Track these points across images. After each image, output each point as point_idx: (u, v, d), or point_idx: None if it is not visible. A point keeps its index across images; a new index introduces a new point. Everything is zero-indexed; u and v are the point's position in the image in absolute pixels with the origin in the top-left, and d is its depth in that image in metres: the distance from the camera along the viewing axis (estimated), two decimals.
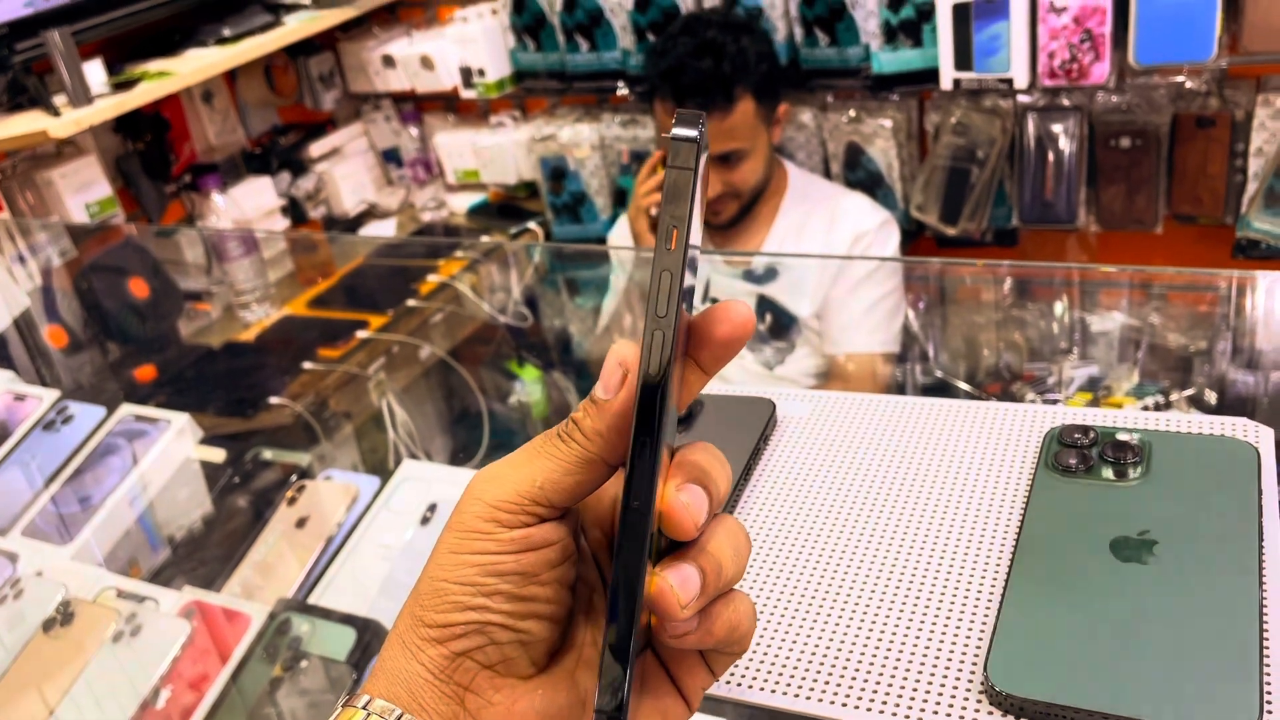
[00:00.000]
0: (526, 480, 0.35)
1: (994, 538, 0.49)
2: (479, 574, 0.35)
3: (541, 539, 0.35)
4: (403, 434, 1.42)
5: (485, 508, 0.35)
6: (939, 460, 0.54)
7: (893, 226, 1.68)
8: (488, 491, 0.35)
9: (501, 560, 0.35)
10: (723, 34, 1.56)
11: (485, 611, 0.35)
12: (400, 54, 2.24)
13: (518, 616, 0.35)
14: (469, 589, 0.35)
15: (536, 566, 0.35)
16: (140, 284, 1.61)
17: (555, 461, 0.35)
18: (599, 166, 2.11)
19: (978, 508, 0.51)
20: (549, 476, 0.35)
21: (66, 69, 1.65)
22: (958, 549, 0.49)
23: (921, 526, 0.50)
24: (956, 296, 1.57)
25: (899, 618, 0.46)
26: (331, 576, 0.93)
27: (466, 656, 0.35)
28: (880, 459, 0.55)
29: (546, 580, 0.35)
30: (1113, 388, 1.38)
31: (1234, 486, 0.47)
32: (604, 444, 0.35)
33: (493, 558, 0.35)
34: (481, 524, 0.35)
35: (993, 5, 1.59)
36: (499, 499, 0.35)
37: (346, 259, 1.89)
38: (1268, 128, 1.58)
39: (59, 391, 1.19)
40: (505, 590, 0.35)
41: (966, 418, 0.57)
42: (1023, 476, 0.52)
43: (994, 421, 0.56)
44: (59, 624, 0.90)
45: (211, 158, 2.21)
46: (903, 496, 0.52)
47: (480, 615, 0.35)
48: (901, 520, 0.51)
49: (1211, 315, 1.33)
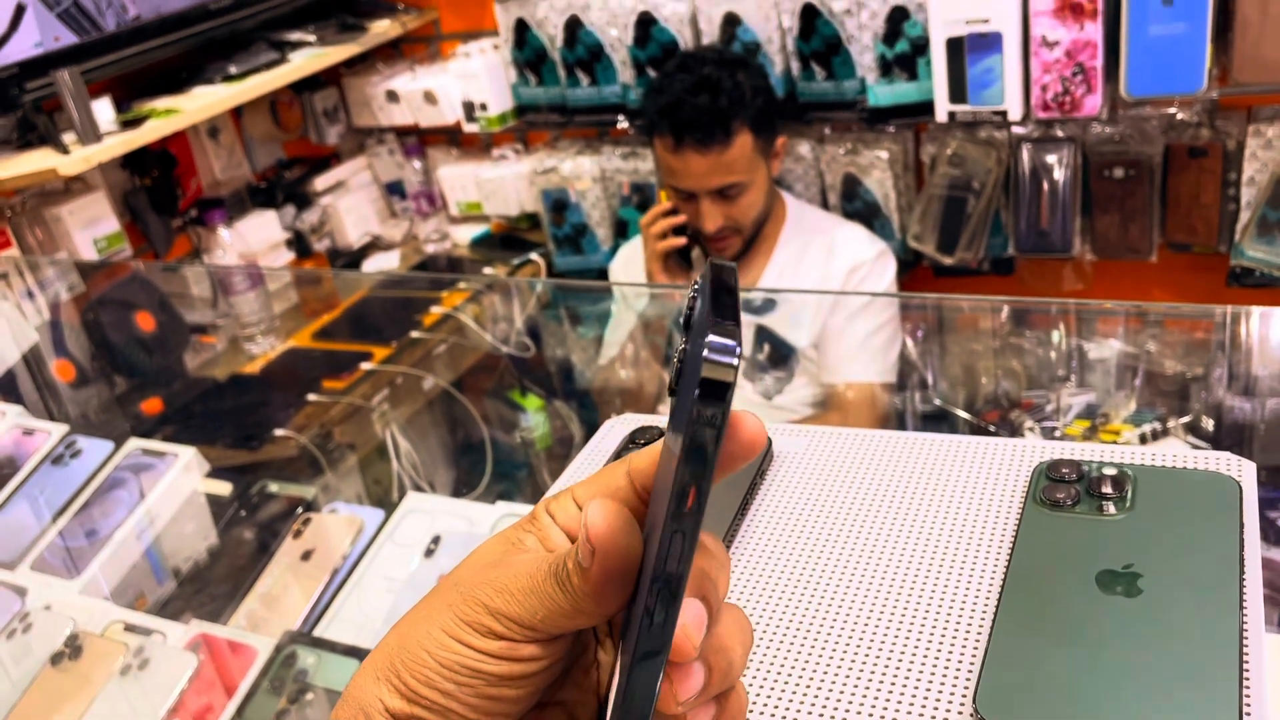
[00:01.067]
0: (529, 611, 0.35)
1: (983, 571, 0.50)
2: (459, 663, 0.35)
3: (529, 654, 0.35)
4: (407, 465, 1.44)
5: (485, 613, 0.35)
6: (930, 494, 0.55)
7: (889, 257, 1.70)
8: (494, 597, 0.35)
9: (484, 662, 0.35)
10: (718, 70, 1.58)
11: (451, 699, 0.35)
12: (404, 89, 2.27)
13: (482, 712, 0.35)
14: (445, 672, 0.35)
15: (515, 676, 0.35)
16: (147, 318, 1.63)
17: (551, 604, 0.35)
18: (600, 198, 2.14)
19: (967, 541, 0.52)
20: (546, 618, 0.35)
21: (75, 107, 1.68)
22: (948, 582, 0.50)
23: (912, 560, 0.52)
24: (954, 325, 1.58)
25: (889, 650, 0.47)
26: (337, 609, 0.94)
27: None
28: (873, 493, 0.56)
29: (522, 686, 0.36)
30: (1110, 415, 1.39)
31: (1216, 521, 0.48)
32: (599, 599, 0.34)
33: (477, 657, 0.35)
34: (478, 622, 0.35)
35: (986, 39, 1.61)
36: (500, 610, 0.35)
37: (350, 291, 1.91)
38: (1259, 157, 1.60)
39: (67, 426, 1.20)
40: (476, 686, 0.35)
41: (958, 452, 0.58)
42: (1011, 511, 0.53)
43: (984, 456, 0.57)
44: (67, 658, 0.91)
45: (217, 192, 2.24)
46: (894, 530, 0.54)
47: (445, 701, 0.35)
48: (893, 554, 0.52)
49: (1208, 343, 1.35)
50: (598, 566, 0.33)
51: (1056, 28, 1.57)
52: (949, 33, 1.63)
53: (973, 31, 1.61)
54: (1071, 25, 1.56)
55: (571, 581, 0.34)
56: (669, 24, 1.90)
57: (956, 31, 1.62)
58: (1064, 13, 1.56)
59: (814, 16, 1.77)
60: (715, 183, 1.58)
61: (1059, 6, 1.56)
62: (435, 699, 0.35)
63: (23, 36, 1.68)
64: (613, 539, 0.33)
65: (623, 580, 0.33)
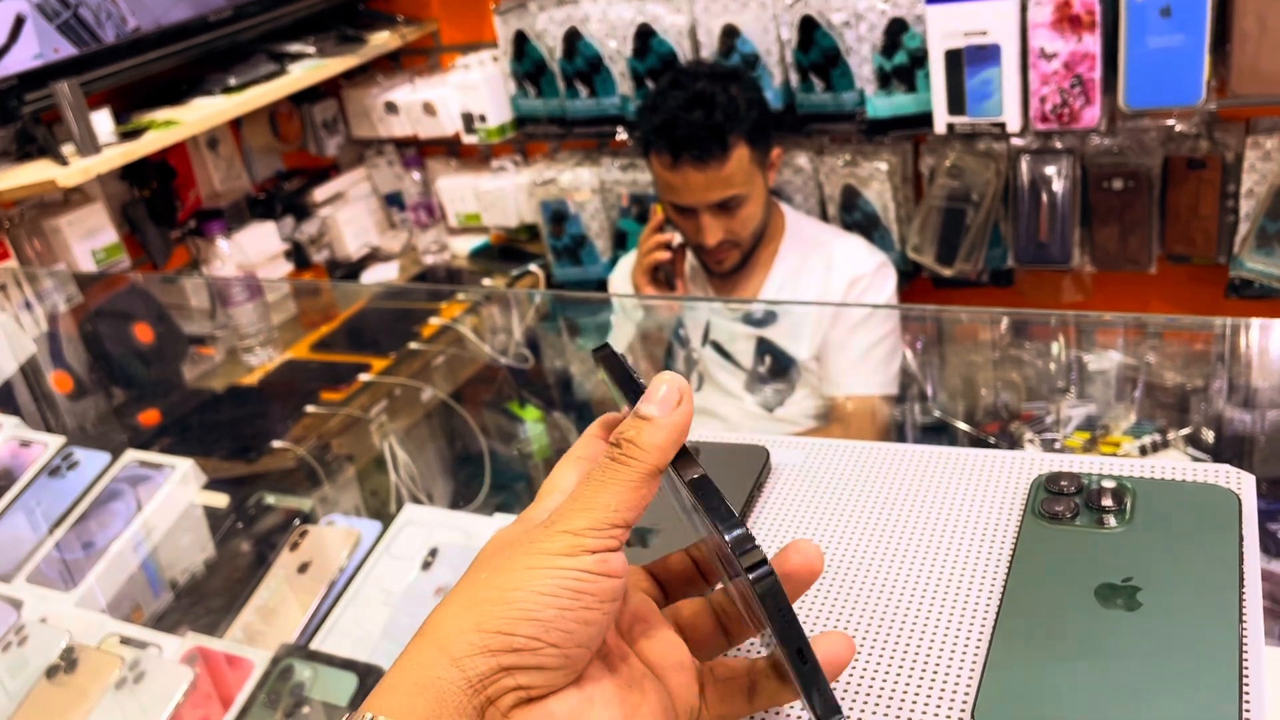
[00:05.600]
0: (603, 507, 0.38)
1: (982, 584, 0.50)
2: (558, 586, 0.36)
3: (619, 566, 0.38)
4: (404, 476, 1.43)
5: (569, 537, 0.37)
6: (929, 507, 0.55)
7: (889, 269, 1.70)
8: (570, 522, 0.38)
9: (583, 580, 0.37)
10: (712, 84, 1.58)
11: (550, 628, 0.36)
12: (403, 100, 2.28)
13: (572, 643, 0.37)
14: (544, 599, 0.36)
15: (605, 594, 0.37)
16: (145, 329, 1.63)
17: (622, 484, 0.38)
18: (599, 210, 2.14)
19: (966, 554, 0.52)
20: (621, 499, 0.38)
21: (74, 119, 1.68)
22: (946, 595, 0.50)
23: (911, 573, 0.51)
24: (954, 336, 1.58)
25: (888, 662, 0.47)
26: (333, 622, 0.94)
27: (509, 673, 0.36)
28: (872, 506, 0.56)
29: (607, 610, 0.38)
30: (1110, 427, 1.39)
31: (1216, 533, 0.48)
32: (661, 455, 0.38)
33: (575, 575, 0.37)
34: (567, 547, 0.37)
35: (984, 51, 1.61)
36: (583, 527, 0.37)
37: (349, 303, 1.91)
38: (1258, 169, 1.60)
39: (64, 437, 1.20)
40: (573, 611, 0.37)
41: (956, 465, 0.58)
42: (1010, 523, 0.53)
43: (982, 469, 0.57)
44: (63, 671, 0.91)
45: (216, 203, 2.24)
46: (893, 543, 0.53)
47: (543, 631, 0.36)
48: (891, 566, 0.52)
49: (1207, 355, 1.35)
50: (682, 409, 0.39)
51: (1055, 39, 1.57)
52: (947, 45, 1.63)
53: (971, 43, 1.62)
54: (1070, 37, 1.56)
55: (639, 441, 0.38)
56: (668, 36, 1.90)
57: (955, 43, 1.63)
58: (1062, 25, 1.56)
59: (813, 28, 1.77)
60: (714, 197, 1.58)
61: (1057, 18, 1.56)
62: (533, 633, 0.36)
63: (22, 48, 1.68)
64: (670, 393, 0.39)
65: (678, 432, 0.39)
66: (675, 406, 0.39)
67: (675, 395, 0.39)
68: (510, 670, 0.36)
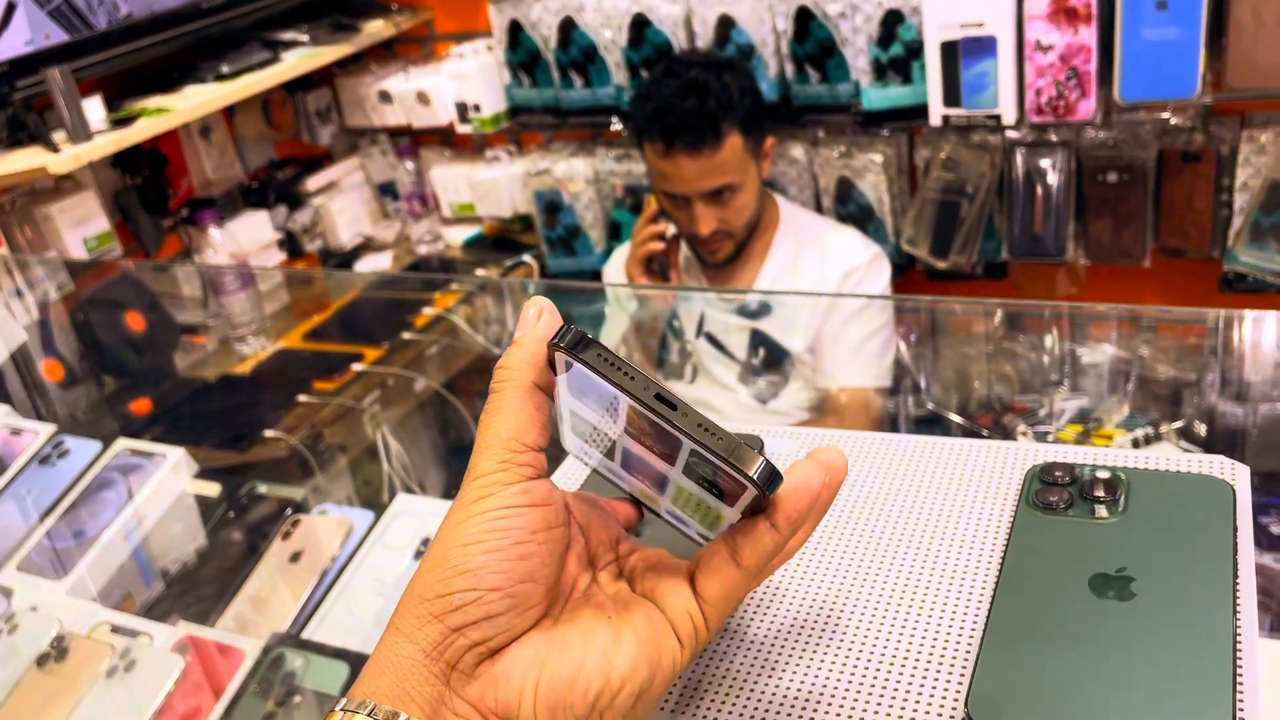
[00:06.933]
0: (498, 440, 0.38)
1: (976, 574, 0.50)
2: (480, 532, 0.37)
3: (543, 494, 0.38)
4: (397, 466, 1.43)
5: (479, 481, 0.38)
6: (923, 497, 0.55)
7: (883, 261, 1.70)
8: (478, 466, 0.38)
9: (505, 516, 0.37)
10: (705, 72, 1.58)
11: (483, 574, 0.36)
12: (397, 89, 2.27)
13: (512, 581, 0.36)
14: (469, 550, 0.36)
15: (534, 524, 0.37)
16: (137, 318, 1.62)
17: (505, 410, 0.39)
18: (593, 200, 2.13)
19: (960, 544, 0.52)
20: (511, 425, 0.38)
21: (66, 106, 1.67)
22: (940, 585, 0.49)
23: (905, 563, 0.51)
24: (948, 329, 1.58)
25: (881, 653, 0.47)
26: (325, 611, 0.94)
27: (459, 633, 0.36)
28: (865, 496, 0.56)
29: (544, 539, 0.37)
30: (1103, 419, 1.39)
31: (1210, 524, 0.48)
32: (529, 369, 0.39)
33: (496, 515, 0.37)
34: (482, 492, 0.37)
35: (980, 43, 1.61)
36: (489, 468, 0.38)
37: (342, 292, 1.91)
38: (1252, 163, 1.60)
39: (55, 426, 1.19)
40: (502, 550, 0.36)
41: (950, 455, 0.58)
42: (1004, 514, 0.53)
43: (977, 459, 0.57)
44: (53, 659, 0.91)
45: (209, 192, 2.23)
46: (886, 533, 0.53)
47: (477, 580, 0.36)
48: (885, 557, 0.52)
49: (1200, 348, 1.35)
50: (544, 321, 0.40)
51: (1051, 32, 1.57)
52: (943, 36, 1.63)
53: (967, 35, 1.61)
54: (1066, 29, 1.56)
55: (508, 363, 0.40)
56: (663, 26, 1.89)
57: (951, 35, 1.62)
58: (1058, 17, 1.56)
59: (808, 19, 1.77)
60: (707, 185, 1.58)
61: (1053, 10, 1.56)
62: (469, 585, 0.36)
63: (13, 34, 1.67)
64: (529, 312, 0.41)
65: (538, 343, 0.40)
66: (536, 322, 0.40)
67: (534, 312, 0.40)
68: (460, 630, 0.36)
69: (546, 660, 0.37)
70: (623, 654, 0.37)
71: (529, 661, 0.37)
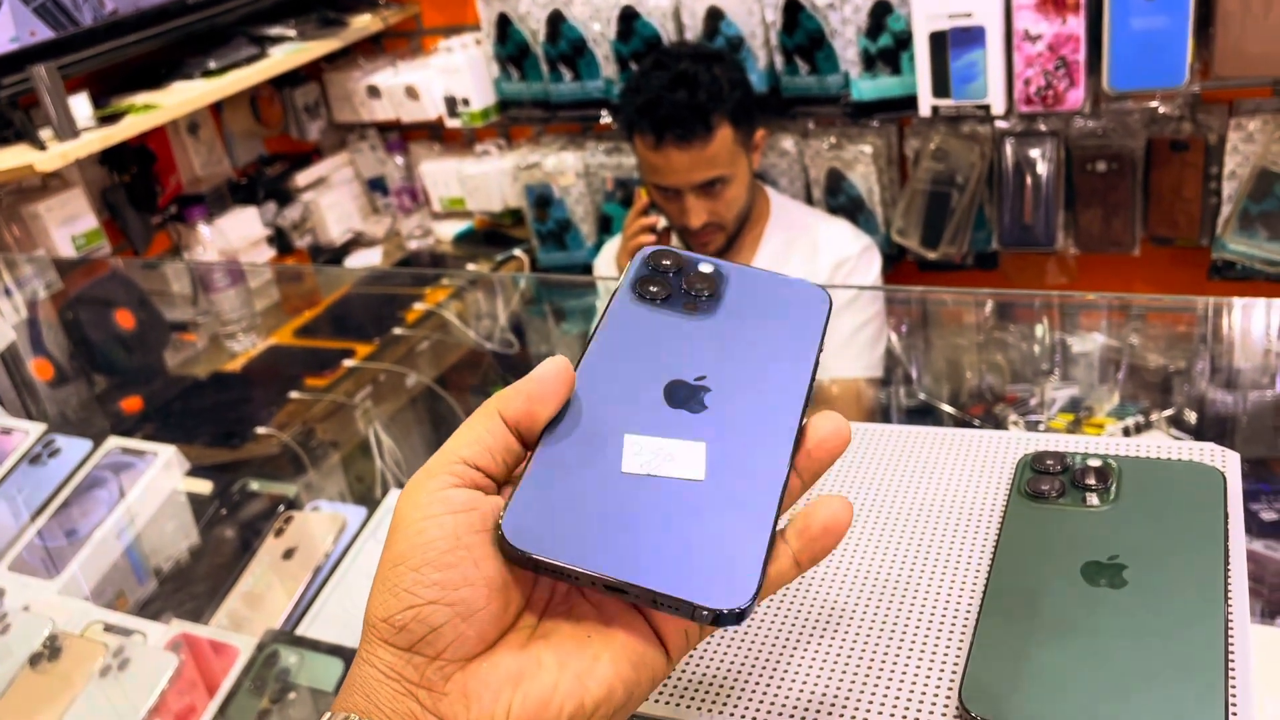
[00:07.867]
0: (442, 455, 0.39)
1: (968, 563, 0.50)
2: (405, 548, 0.36)
3: (462, 500, 0.37)
4: (390, 462, 1.43)
5: (409, 497, 0.38)
6: (915, 486, 0.55)
7: (874, 252, 1.70)
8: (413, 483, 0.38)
9: (426, 527, 0.37)
10: (695, 64, 1.58)
11: (417, 590, 0.36)
12: (385, 84, 2.26)
13: (450, 588, 0.36)
14: (399, 569, 0.36)
15: (460, 530, 0.37)
16: (126, 315, 1.61)
17: (464, 428, 0.39)
18: (583, 194, 2.13)
19: (952, 533, 0.52)
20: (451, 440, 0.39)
21: (52, 103, 1.66)
22: (933, 574, 0.50)
23: (897, 552, 0.51)
24: (939, 319, 1.58)
25: (874, 642, 0.47)
26: (319, 607, 0.94)
27: (412, 652, 0.36)
28: (857, 486, 0.56)
29: (469, 544, 0.37)
30: (1094, 408, 1.39)
31: (1201, 512, 0.48)
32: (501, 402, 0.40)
33: (417, 529, 0.37)
34: (404, 507, 0.38)
35: (969, 34, 1.61)
36: (412, 484, 0.38)
37: (332, 288, 1.90)
38: (1240, 151, 1.60)
39: (45, 425, 1.19)
40: (430, 562, 0.36)
41: (942, 445, 0.58)
42: (996, 502, 0.53)
43: (968, 449, 0.57)
44: (46, 659, 0.90)
45: (197, 189, 2.22)
46: (879, 523, 0.53)
47: (412, 597, 0.36)
48: (878, 546, 0.52)
49: (1190, 336, 1.35)
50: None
51: (1039, 21, 1.57)
52: (932, 27, 1.63)
53: (955, 26, 1.61)
54: (1054, 19, 1.56)
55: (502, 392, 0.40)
56: (652, 18, 1.89)
57: (939, 26, 1.62)
58: (1046, 6, 1.56)
59: (797, 11, 1.76)
60: (698, 177, 1.58)
61: (1042, 0, 1.56)
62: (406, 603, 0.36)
63: None
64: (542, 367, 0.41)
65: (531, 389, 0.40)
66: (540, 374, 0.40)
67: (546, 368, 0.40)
68: (411, 649, 0.36)
69: (520, 681, 0.36)
70: (598, 678, 0.37)
71: (503, 680, 0.36)
